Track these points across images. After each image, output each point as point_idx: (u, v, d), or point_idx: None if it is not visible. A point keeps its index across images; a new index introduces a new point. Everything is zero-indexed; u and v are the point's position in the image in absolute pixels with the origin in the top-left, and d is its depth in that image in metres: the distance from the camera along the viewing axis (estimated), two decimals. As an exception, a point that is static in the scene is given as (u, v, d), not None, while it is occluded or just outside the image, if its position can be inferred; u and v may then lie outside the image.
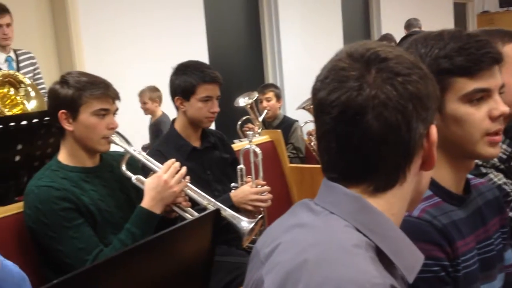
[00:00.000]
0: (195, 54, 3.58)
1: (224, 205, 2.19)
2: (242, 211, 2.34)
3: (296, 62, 6.17)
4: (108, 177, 2.08)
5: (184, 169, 2.02)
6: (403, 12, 7.18)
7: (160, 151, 2.38)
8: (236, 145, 2.97)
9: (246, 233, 2.00)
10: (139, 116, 4.67)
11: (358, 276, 0.73)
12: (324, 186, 0.87)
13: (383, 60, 0.81)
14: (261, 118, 4.41)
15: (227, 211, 2.03)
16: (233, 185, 2.41)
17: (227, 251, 2.33)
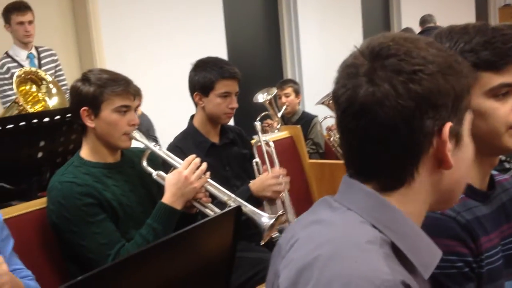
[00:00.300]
0: (214, 50, 3.58)
1: (244, 196, 2.23)
2: (263, 200, 2.37)
3: (315, 57, 6.14)
4: (130, 173, 2.10)
5: (205, 165, 2.03)
6: (424, 7, 7.10)
7: (179, 147, 2.39)
8: (254, 141, 2.98)
9: (266, 229, 2.00)
10: (159, 113, 4.68)
11: (368, 272, 0.73)
12: (344, 183, 0.88)
13: (389, 57, 0.80)
14: (280, 114, 4.41)
15: (248, 207, 2.03)
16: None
17: (247, 247, 2.34)
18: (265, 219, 2.01)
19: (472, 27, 1.11)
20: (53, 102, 3.02)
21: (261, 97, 4.32)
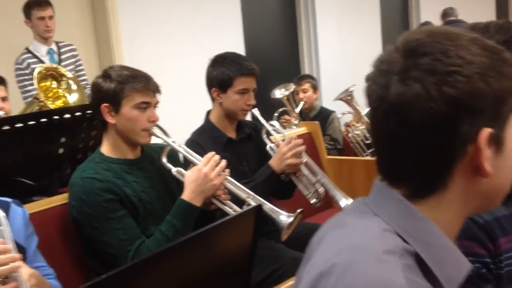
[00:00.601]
0: (232, 46, 3.57)
1: (265, 173, 2.30)
2: (289, 175, 2.38)
3: (333, 53, 6.11)
4: (150, 169, 2.11)
5: (224, 162, 2.03)
6: (443, 2, 7.01)
7: (197, 142, 2.39)
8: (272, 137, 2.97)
9: (285, 227, 2.00)
10: (178, 109, 4.70)
11: (381, 283, 0.70)
12: (375, 186, 0.84)
13: (424, 55, 0.75)
14: (298, 110, 4.40)
15: (267, 205, 2.03)
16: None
17: (266, 244, 2.34)
18: (284, 217, 2.01)
19: (494, 26, 1.09)
20: (73, 98, 3.04)
21: (279, 93, 4.31)
